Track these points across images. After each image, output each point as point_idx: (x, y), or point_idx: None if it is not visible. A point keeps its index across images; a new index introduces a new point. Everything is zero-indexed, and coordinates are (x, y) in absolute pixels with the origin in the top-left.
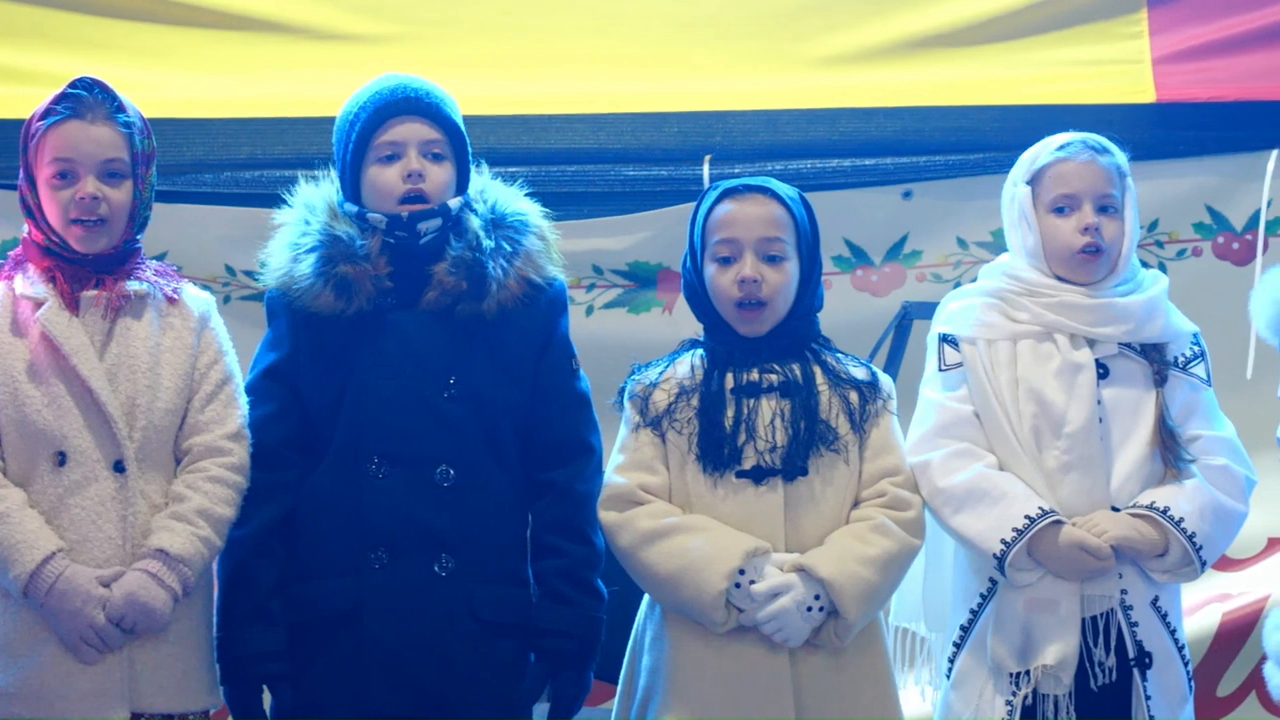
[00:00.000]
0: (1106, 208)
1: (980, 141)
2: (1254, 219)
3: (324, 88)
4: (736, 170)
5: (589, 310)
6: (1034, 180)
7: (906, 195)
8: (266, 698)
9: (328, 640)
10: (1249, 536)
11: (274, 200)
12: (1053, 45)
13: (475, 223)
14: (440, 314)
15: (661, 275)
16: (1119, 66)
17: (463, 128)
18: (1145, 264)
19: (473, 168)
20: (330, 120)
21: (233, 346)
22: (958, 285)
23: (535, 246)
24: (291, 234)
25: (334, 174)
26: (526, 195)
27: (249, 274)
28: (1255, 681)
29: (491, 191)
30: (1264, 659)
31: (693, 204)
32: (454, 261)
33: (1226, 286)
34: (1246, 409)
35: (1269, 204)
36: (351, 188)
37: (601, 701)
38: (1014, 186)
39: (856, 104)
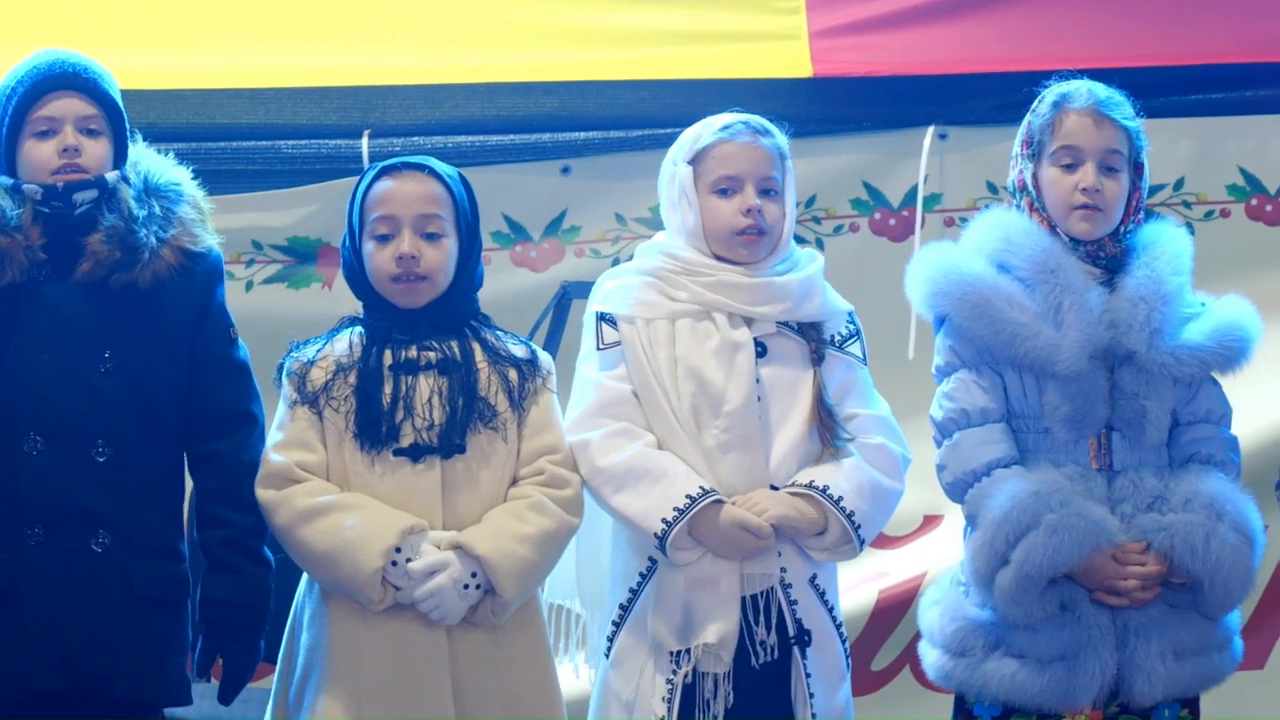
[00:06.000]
0: (768, 190)
1: (639, 118)
2: (910, 195)
3: None
4: (396, 145)
5: (248, 286)
6: (695, 160)
7: (565, 171)
8: None
9: None
10: (905, 513)
11: None
12: (710, 18)
13: (128, 193)
14: (95, 286)
15: (321, 250)
16: (776, 42)
17: (120, 103)
18: (803, 240)
19: (129, 140)
20: None
21: None
22: (616, 261)
23: (189, 215)
24: None
25: None
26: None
27: None
28: (909, 656)
29: (145, 162)
30: (919, 635)
31: (352, 179)
32: (107, 232)
33: (884, 262)
34: (907, 385)
35: (925, 179)
36: (7, 161)
37: (261, 679)
38: (674, 165)
39: (515, 79)
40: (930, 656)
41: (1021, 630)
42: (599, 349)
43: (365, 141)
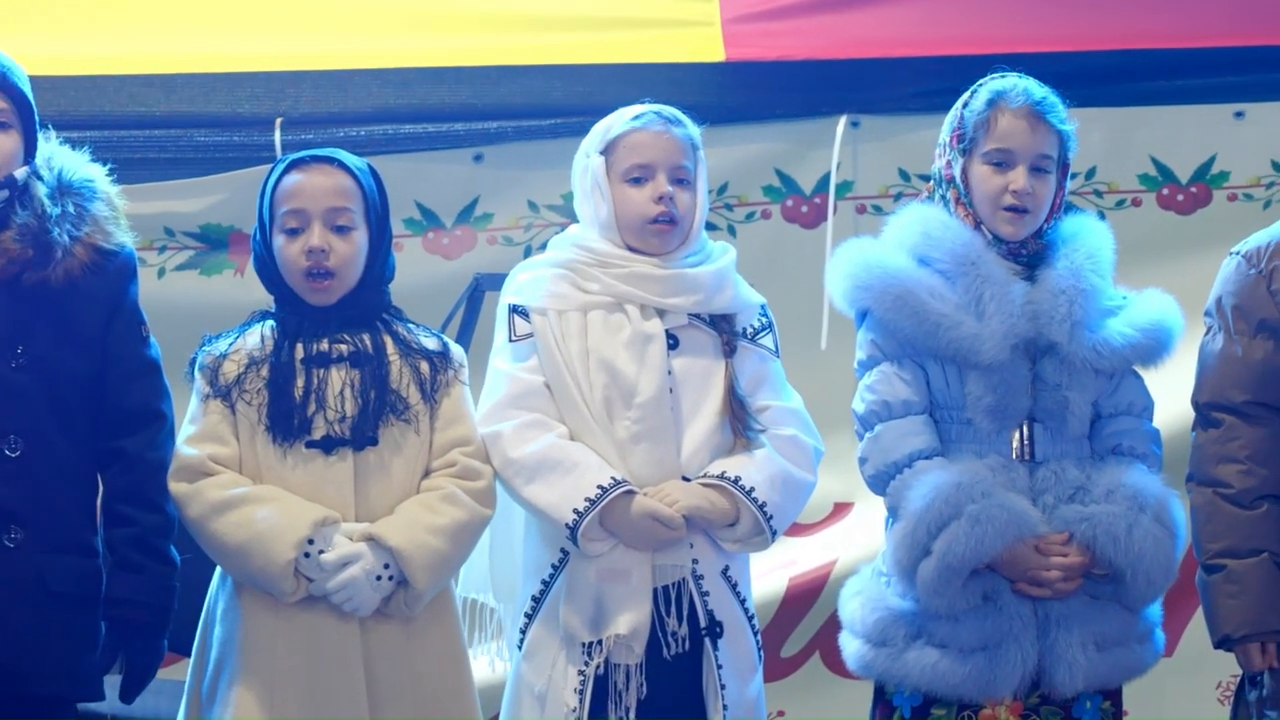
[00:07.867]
0: (681, 179)
1: (551, 105)
2: (823, 183)
3: None
4: (309, 134)
5: (160, 272)
6: (608, 150)
7: (477, 159)
8: None
9: None
10: (816, 501)
11: None
12: (623, 4)
13: (41, 190)
14: (7, 283)
15: (233, 237)
16: (690, 28)
17: (30, 97)
18: (714, 227)
19: (40, 135)
20: None
21: None
22: (529, 249)
23: (103, 213)
24: None
25: None
26: (97, 160)
27: None
28: (819, 643)
29: (58, 158)
30: (831, 622)
31: (265, 167)
32: (19, 230)
33: (796, 248)
34: (819, 372)
35: (838, 167)
36: None
37: (172, 666)
38: (587, 157)
39: (427, 64)
40: (851, 646)
41: (943, 620)
42: (511, 341)
43: (278, 130)
